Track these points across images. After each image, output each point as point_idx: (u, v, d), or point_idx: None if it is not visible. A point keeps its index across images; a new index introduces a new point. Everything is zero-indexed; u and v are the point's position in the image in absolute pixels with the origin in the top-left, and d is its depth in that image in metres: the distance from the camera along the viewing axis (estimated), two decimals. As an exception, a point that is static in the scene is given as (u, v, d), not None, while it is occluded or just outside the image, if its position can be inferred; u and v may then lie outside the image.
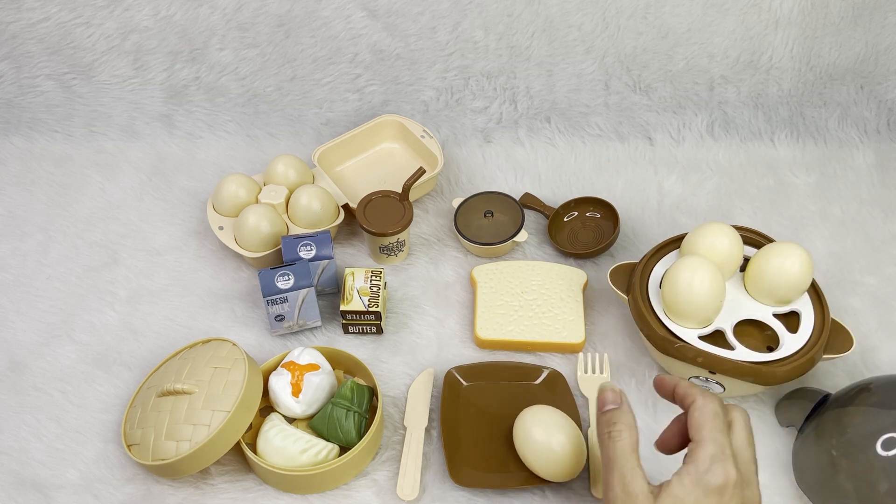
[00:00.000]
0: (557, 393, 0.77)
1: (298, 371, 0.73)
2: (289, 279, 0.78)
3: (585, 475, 0.72)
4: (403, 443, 0.73)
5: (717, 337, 0.73)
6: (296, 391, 0.73)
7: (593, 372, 0.79)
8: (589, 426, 0.75)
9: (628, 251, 0.91)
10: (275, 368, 0.76)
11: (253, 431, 0.73)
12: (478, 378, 0.78)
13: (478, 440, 0.74)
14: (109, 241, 0.92)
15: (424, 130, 0.98)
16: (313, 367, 0.74)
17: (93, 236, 0.92)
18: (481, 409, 0.76)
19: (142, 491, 0.71)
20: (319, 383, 0.73)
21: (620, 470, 0.56)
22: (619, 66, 1.00)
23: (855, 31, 0.98)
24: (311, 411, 0.74)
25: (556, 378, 0.78)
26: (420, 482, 0.71)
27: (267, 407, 0.76)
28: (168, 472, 0.69)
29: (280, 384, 0.73)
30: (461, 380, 0.78)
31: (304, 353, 0.75)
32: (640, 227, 0.93)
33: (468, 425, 0.75)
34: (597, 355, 0.80)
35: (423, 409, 0.76)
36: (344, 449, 0.72)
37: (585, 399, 0.77)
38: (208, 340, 0.77)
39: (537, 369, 0.79)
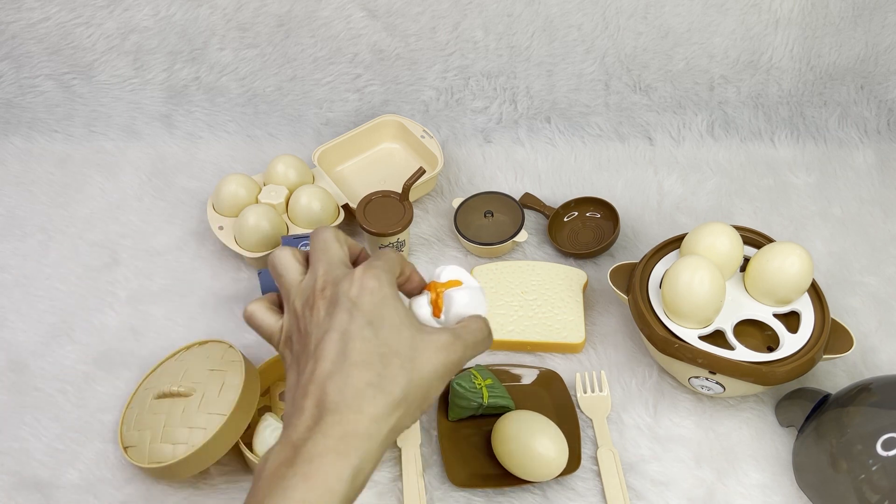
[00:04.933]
0: (553, 392, 0.77)
1: (438, 289, 0.62)
2: (289, 279, 0.78)
3: (586, 475, 0.72)
4: (401, 465, 0.72)
5: (717, 337, 0.73)
6: (436, 311, 0.61)
7: (592, 391, 0.78)
8: (590, 427, 0.75)
9: (628, 251, 0.91)
10: (278, 365, 0.77)
11: (251, 431, 0.72)
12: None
13: (474, 441, 0.74)
14: (109, 241, 0.92)
15: (424, 130, 0.98)
16: (454, 283, 0.63)
17: (93, 236, 0.92)
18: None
19: (142, 491, 0.71)
20: (460, 298, 0.61)
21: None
22: (619, 66, 1.00)
23: (855, 31, 0.98)
24: None
25: (551, 377, 0.78)
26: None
27: (264, 406, 0.77)
28: (164, 474, 0.68)
29: (422, 309, 0.61)
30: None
31: (444, 271, 0.64)
32: (640, 227, 0.93)
33: (465, 427, 0.75)
34: (594, 373, 0.79)
35: (413, 427, 0.75)
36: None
37: (589, 420, 0.77)
38: (205, 342, 0.77)
39: (532, 369, 0.78)
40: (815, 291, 0.76)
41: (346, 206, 0.90)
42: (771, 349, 0.73)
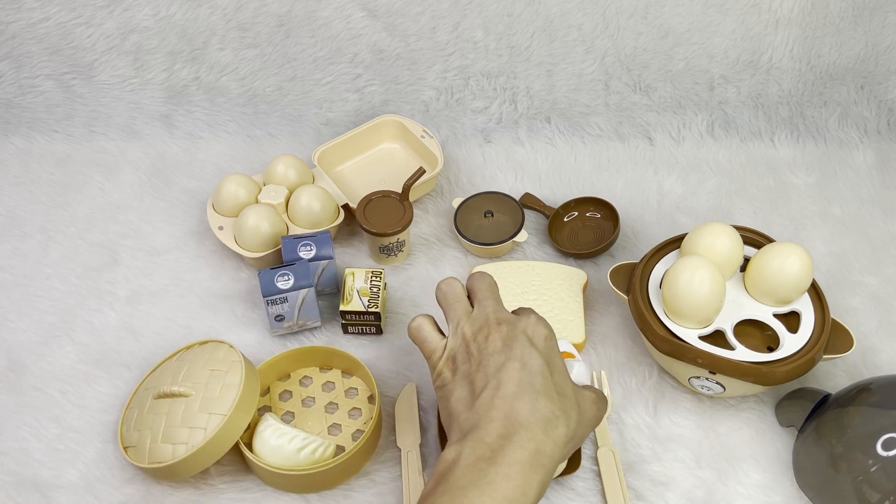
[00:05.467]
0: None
1: None
2: (289, 279, 0.78)
3: (586, 475, 0.72)
4: (401, 466, 0.72)
5: (717, 337, 0.73)
6: None
7: None
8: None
9: (628, 251, 0.91)
10: (278, 365, 0.77)
11: (250, 431, 0.72)
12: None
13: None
14: (109, 241, 0.92)
15: (424, 130, 0.98)
16: (568, 355, 0.70)
17: (93, 236, 0.92)
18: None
19: (142, 491, 0.71)
20: (578, 368, 0.69)
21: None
22: (619, 66, 1.00)
23: (855, 31, 0.98)
24: None
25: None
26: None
27: (264, 406, 0.77)
28: (165, 474, 0.69)
29: None
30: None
31: (558, 343, 0.68)
32: (640, 227, 0.93)
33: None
34: (594, 373, 0.79)
35: (413, 427, 0.75)
36: (341, 447, 0.72)
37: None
38: (206, 342, 0.77)
39: None
40: (815, 291, 0.76)
41: (346, 206, 0.90)
42: (771, 349, 0.73)
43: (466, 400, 0.58)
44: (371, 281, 0.82)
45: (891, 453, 0.63)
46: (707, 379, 0.72)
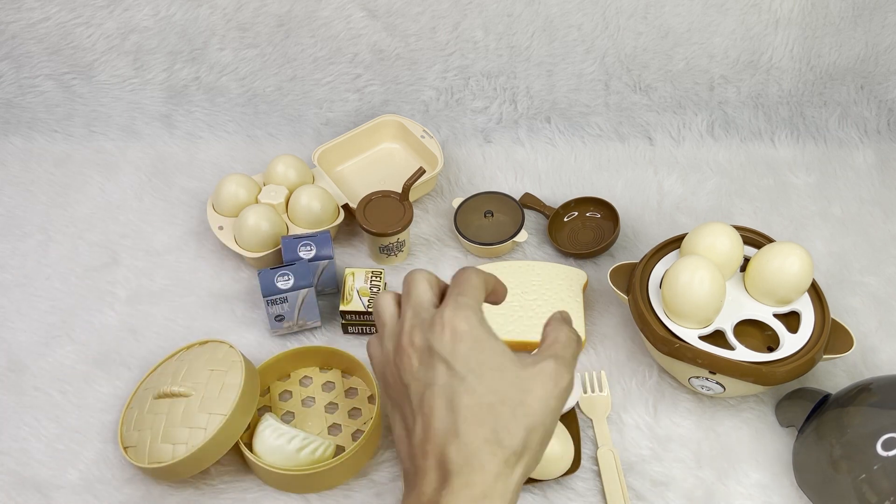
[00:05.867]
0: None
1: None
2: (289, 279, 0.78)
3: (586, 475, 0.72)
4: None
5: (717, 337, 0.73)
6: None
7: (592, 391, 0.78)
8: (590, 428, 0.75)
9: (628, 251, 0.91)
10: (278, 365, 0.77)
11: (250, 431, 0.72)
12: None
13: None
14: (109, 241, 0.92)
15: (424, 130, 0.98)
16: None
17: (93, 236, 0.92)
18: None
19: (141, 491, 0.71)
20: None
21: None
22: (619, 66, 1.00)
23: (855, 31, 0.98)
24: None
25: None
26: None
27: (264, 406, 0.77)
28: (165, 474, 0.69)
29: None
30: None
31: None
32: (640, 227, 0.93)
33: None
34: (594, 373, 0.79)
35: None
36: (341, 447, 0.72)
37: (589, 420, 0.76)
38: (206, 342, 0.77)
39: None
40: (815, 291, 0.76)
41: (346, 206, 0.90)
42: (771, 349, 0.73)
43: (404, 440, 0.51)
44: (371, 281, 0.82)
45: (891, 453, 0.63)
46: (707, 379, 0.72)
